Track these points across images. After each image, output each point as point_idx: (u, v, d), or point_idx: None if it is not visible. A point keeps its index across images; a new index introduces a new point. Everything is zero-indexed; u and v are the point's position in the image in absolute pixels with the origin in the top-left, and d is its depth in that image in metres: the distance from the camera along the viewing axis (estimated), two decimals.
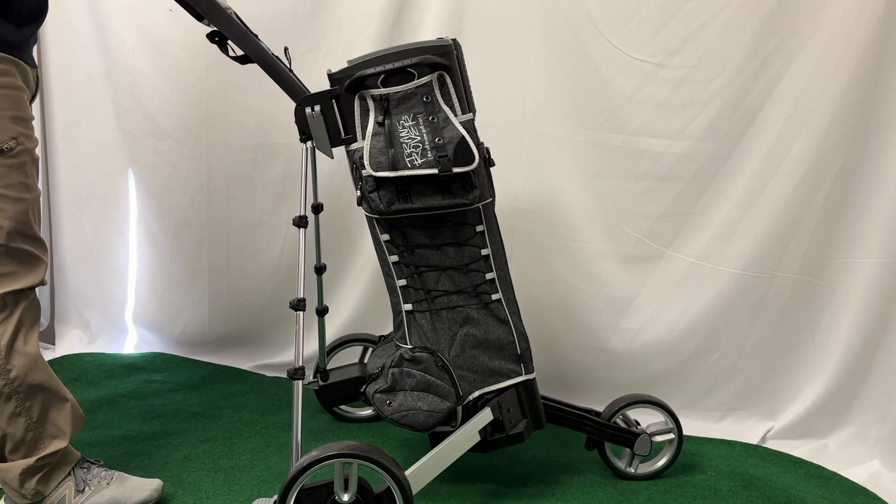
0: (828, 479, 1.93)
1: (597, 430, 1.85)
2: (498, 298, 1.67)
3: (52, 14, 2.55)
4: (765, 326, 2.12)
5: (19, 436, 1.53)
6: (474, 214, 1.62)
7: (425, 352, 1.63)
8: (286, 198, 2.45)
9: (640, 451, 1.85)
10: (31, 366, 1.53)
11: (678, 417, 1.88)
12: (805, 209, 2.02)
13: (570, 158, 2.18)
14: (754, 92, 2.01)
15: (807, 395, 2.10)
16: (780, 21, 1.96)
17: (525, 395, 1.73)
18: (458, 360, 1.66)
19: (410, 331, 1.64)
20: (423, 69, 1.53)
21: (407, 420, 1.61)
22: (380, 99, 1.53)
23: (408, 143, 1.52)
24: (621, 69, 2.08)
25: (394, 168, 1.51)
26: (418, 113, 1.53)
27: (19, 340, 1.51)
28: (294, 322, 2.52)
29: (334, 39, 2.30)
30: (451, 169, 1.51)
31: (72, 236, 2.68)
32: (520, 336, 1.71)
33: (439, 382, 1.62)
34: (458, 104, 1.56)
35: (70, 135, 2.62)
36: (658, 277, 2.17)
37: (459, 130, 1.53)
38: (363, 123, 1.55)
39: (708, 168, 2.08)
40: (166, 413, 2.20)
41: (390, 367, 1.63)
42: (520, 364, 1.71)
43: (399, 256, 1.63)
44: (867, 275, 1.99)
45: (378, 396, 1.62)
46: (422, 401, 1.61)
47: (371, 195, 1.54)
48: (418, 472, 1.57)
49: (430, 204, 1.54)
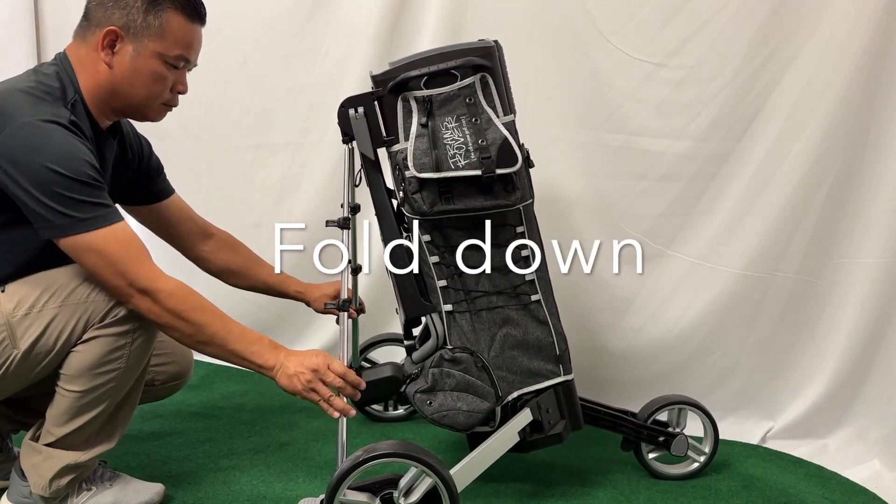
0: (828, 479, 1.93)
1: (633, 431, 1.85)
2: (537, 300, 1.67)
3: (51, 14, 2.56)
4: (765, 326, 2.12)
5: (87, 435, 1.51)
6: (515, 215, 1.62)
7: (465, 352, 1.63)
8: (286, 197, 2.45)
9: (678, 452, 1.85)
10: (135, 377, 1.54)
11: (716, 421, 1.88)
12: (805, 209, 2.02)
13: (570, 158, 2.18)
14: (754, 92, 2.01)
15: (807, 395, 2.10)
16: (781, 21, 1.96)
17: (564, 395, 1.73)
18: (497, 361, 1.66)
19: (451, 331, 1.64)
20: (466, 71, 1.53)
21: (447, 420, 1.61)
22: (423, 100, 1.53)
23: (451, 144, 1.52)
24: (621, 69, 2.07)
25: (437, 169, 1.51)
26: (461, 114, 1.53)
27: (141, 346, 1.51)
28: (294, 322, 2.54)
29: (334, 39, 2.30)
30: (494, 170, 1.51)
31: None
32: (559, 337, 1.71)
33: (479, 383, 1.62)
34: (499, 105, 1.57)
35: None
36: (658, 277, 2.17)
37: (502, 132, 1.53)
38: (406, 125, 1.55)
39: (708, 168, 2.08)
40: (166, 413, 2.20)
41: (431, 368, 1.63)
42: (558, 365, 1.71)
43: (440, 257, 1.62)
44: (867, 275, 1.99)
45: (419, 396, 1.62)
46: (461, 401, 1.61)
47: (414, 196, 1.54)
48: (462, 472, 1.58)
49: (473, 205, 1.54)
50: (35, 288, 1.44)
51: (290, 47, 2.39)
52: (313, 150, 2.43)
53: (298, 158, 2.44)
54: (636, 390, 2.10)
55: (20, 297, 1.43)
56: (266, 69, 2.45)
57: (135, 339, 1.48)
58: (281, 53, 2.37)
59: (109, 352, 1.45)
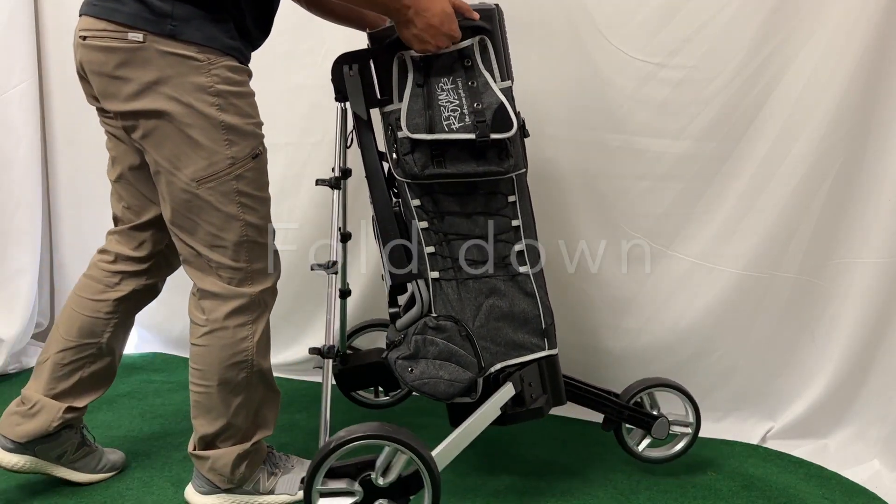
0: (828, 479, 1.93)
1: (615, 411, 1.84)
2: (525, 272, 1.66)
3: (51, 14, 2.56)
4: (765, 326, 2.12)
5: (238, 425, 1.62)
6: (507, 184, 1.61)
7: (450, 321, 1.60)
8: (286, 198, 2.45)
9: (658, 435, 1.85)
10: (267, 363, 1.65)
11: (697, 404, 1.89)
12: (805, 209, 2.02)
13: (570, 158, 2.18)
14: (754, 92, 2.01)
15: (807, 395, 2.10)
16: (781, 21, 1.96)
17: (547, 370, 1.71)
18: (481, 331, 1.65)
19: (436, 299, 1.63)
20: (465, 32, 1.51)
21: (427, 388, 1.59)
22: (419, 60, 1.52)
23: (446, 106, 1.50)
24: (621, 69, 2.08)
25: (430, 131, 1.49)
26: (458, 77, 1.52)
27: (263, 338, 1.62)
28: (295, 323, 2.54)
29: (334, 39, 2.29)
30: (488, 135, 1.49)
31: (72, 236, 2.68)
32: (545, 310, 1.69)
33: (462, 352, 1.60)
34: (497, 70, 1.55)
35: (70, 135, 2.62)
36: (658, 277, 2.17)
37: (499, 96, 1.51)
38: (401, 84, 1.53)
39: (708, 168, 2.08)
40: (166, 413, 2.20)
41: (414, 335, 1.61)
42: (543, 339, 1.69)
43: (429, 223, 1.61)
44: (867, 275, 1.99)
45: (400, 363, 1.60)
46: (443, 369, 1.59)
47: (405, 157, 1.52)
48: (445, 452, 1.58)
49: (465, 170, 1.53)
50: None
51: (290, 47, 2.39)
52: (313, 150, 2.43)
53: (298, 158, 2.44)
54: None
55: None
56: (266, 69, 2.44)
57: (255, 327, 1.60)
58: (281, 53, 2.37)
59: (233, 344, 1.56)
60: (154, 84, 1.44)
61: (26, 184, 2.53)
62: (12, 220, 2.53)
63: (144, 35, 1.42)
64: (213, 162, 1.48)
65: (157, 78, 1.44)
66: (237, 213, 1.52)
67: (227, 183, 1.50)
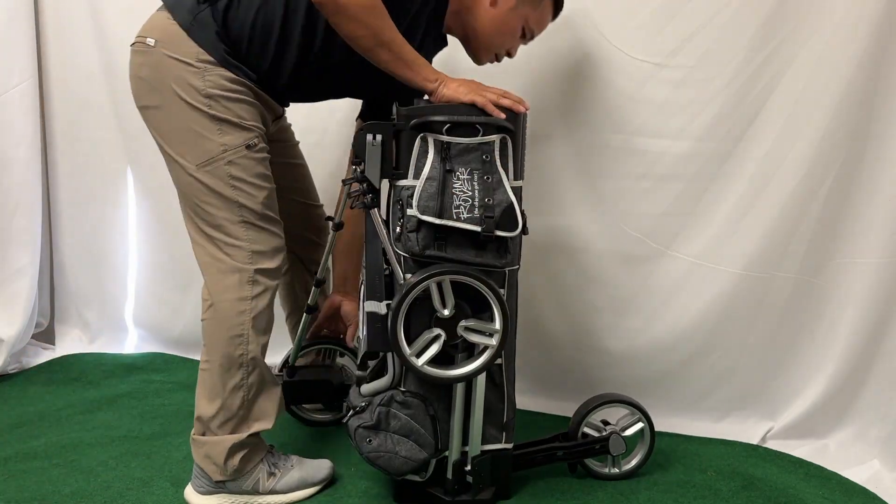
0: (828, 479, 1.93)
1: (570, 455, 1.85)
2: (499, 363, 1.69)
3: (51, 14, 2.56)
4: (765, 326, 2.12)
5: (234, 409, 1.65)
6: (499, 278, 1.63)
7: (417, 398, 1.64)
8: None
9: (617, 451, 1.85)
10: (261, 347, 1.68)
11: (640, 404, 1.88)
12: (805, 209, 2.02)
13: (571, 158, 2.18)
14: (754, 92, 2.01)
15: (807, 395, 2.10)
16: (781, 21, 1.96)
17: (500, 463, 1.74)
18: (445, 415, 1.68)
19: (408, 375, 1.65)
20: (489, 128, 1.55)
21: (381, 462, 1.63)
22: (442, 145, 1.54)
23: (458, 195, 1.53)
24: (621, 69, 2.08)
25: (440, 216, 1.52)
26: (475, 169, 1.54)
27: (261, 317, 1.65)
28: None
29: None
30: (493, 230, 1.52)
31: (72, 236, 2.68)
32: (510, 404, 1.72)
33: (422, 431, 1.63)
34: (512, 169, 1.59)
35: (70, 134, 2.62)
36: (658, 277, 2.17)
37: (510, 196, 1.55)
38: (419, 164, 1.55)
39: (708, 168, 2.08)
40: (166, 413, 2.20)
41: (379, 405, 1.64)
42: (502, 432, 1.73)
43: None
44: (867, 275, 1.99)
45: (360, 432, 1.64)
46: (401, 445, 1.63)
47: (410, 234, 1.54)
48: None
49: (463, 258, 1.56)
50: None
51: None
52: (313, 151, 2.43)
53: None
54: (636, 390, 2.09)
55: None
56: None
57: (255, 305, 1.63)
58: None
59: (230, 317, 1.62)
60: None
61: (26, 184, 2.53)
62: (12, 220, 2.53)
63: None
64: (208, 149, 1.60)
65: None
66: (232, 195, 1.62)
67: (221, 168, 1.60)
